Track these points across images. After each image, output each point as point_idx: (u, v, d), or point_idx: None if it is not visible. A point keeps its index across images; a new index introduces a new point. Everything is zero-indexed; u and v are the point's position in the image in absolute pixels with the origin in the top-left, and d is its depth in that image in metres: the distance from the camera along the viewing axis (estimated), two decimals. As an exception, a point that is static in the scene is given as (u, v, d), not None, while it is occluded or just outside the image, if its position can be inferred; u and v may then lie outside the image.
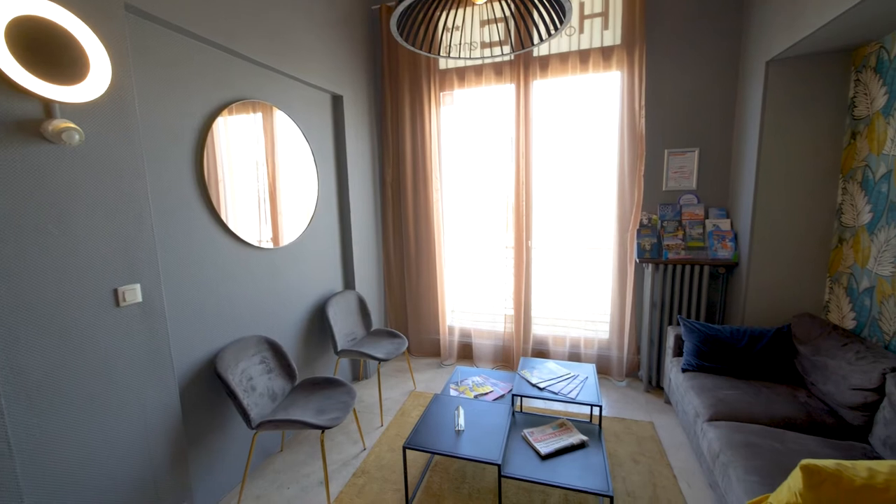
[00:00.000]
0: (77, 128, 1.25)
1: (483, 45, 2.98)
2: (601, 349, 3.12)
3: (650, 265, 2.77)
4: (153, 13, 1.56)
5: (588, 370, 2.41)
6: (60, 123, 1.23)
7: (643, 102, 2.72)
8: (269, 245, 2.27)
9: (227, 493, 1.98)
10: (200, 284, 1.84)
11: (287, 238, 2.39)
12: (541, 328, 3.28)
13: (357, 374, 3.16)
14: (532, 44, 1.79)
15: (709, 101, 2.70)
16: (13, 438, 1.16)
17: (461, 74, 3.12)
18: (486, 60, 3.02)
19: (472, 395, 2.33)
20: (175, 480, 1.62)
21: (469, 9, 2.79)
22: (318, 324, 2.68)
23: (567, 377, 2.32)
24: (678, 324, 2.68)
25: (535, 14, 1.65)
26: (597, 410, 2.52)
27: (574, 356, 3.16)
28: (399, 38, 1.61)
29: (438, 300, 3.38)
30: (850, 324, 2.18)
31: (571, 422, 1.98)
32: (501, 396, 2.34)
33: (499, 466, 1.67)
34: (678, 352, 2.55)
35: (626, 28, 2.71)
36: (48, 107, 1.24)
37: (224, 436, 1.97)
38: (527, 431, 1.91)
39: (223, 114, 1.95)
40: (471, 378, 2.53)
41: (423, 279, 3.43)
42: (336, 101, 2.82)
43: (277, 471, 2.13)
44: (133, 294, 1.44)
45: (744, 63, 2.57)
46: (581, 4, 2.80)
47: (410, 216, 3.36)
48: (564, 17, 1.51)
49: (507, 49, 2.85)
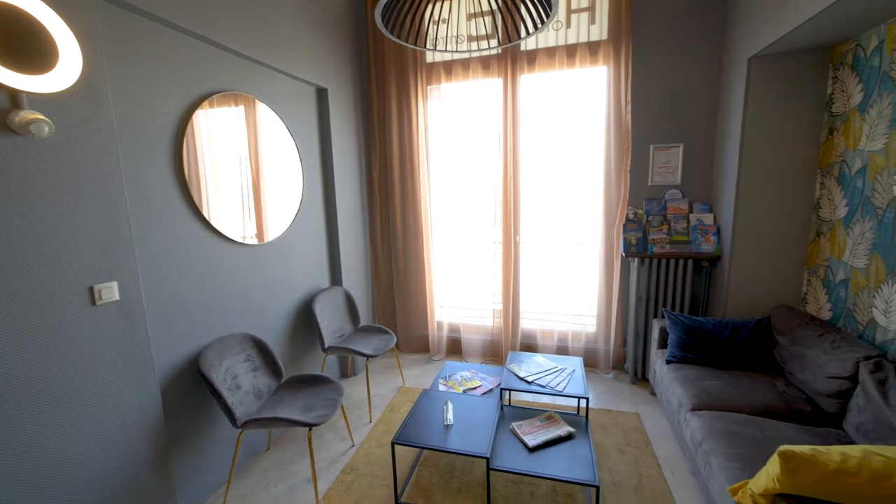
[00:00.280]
0: (46, 119, 1.20)
1: (470, 39, 2.95)
2: (588, 342, 3.16)
3: (636, 259, 2.81)
4: (127, 1, 1.49)
5: (575, 363, 2.44)
6: (28, 115, 1.17)
7: (629, 97, 2.74)
8: (254, 241, 2.22)
9: (213, 493, 1.95)
10: (182, 282, 1.80)
11: (272, 234, 2.35)
12: (529, 322, 3.31)
13: (345, 371, 3.14)
14: (519, 37, 1.78)
15: (693, 97, 2.74)
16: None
17: (448, 68, 3.09)
18: (474, 54, 3.00)
19: (461, 390, 2.34)
20: (158, 481, 1.58)
21: (455, 1, 2.76)
22: (305, 321, 2.65)
23: (555, 370, 2.34)
24: (663, 317, 2.73)
25: (522, 8, 1.64)
26: (584, 402, 2.55)
27: (562, 350, 3.19)
28: (384, 30, 1.58)
29: (427, 296, 3.38)
30: (827, 314, 2.25)
31: (559, 414, 2.00)
32: (490, 390, 2.35)
33: (487, 459, 1.68)
34: (663, 344, 2.60)
35: (613, 23, 2.72)
36: (15, 97, 1.18)
37: (209, 435, 1.93)
38: (515, 424, 1.92)
39: (203, 106, 1.89)
40: (459, 373, 2.54)
41: (412, 275, 3.41)
42: (321, 94, 2.77)
43: (264, 469, 2.10)
44: (110, 292, 1.40)
45: (727, 59, 2.61)
46: (568, -1, 2.80)
47: (398, 211, 3.33)
48: (551, 11, 1.51)
49: (494, 43, 2.84)
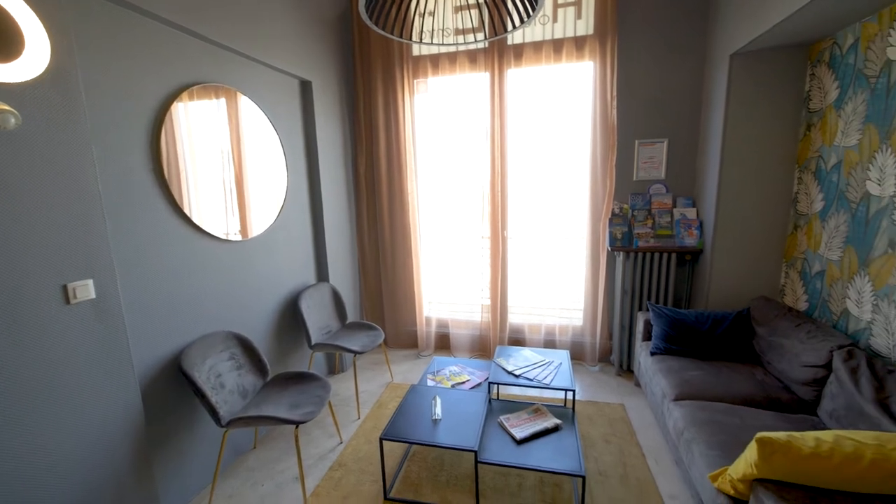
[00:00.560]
0: (13, 110, 1.14)
1: (457, 32, 2.93)
2: (575, 336, 3.20)
3: (621, 253, 2.85)
4: (98, -14, 1.43)
5: (562, 356, 2.46)
6: (-8, 105, 1.12)
7: (615, 93, 2.76)
8: (237, 237, 2.18)
9: (198, 494, 1.92)
10: (162, 279, 1.75)
11: (256, 229, 2.31)
12: (517, 317, 3.33)
13: (333, 368, 3.12)
14: (505, 31, 1.77)
15: (677, 93, 2.77)
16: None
17: (435, 61, 3.06)
18: (461, 47, 2.98)
19: (449, 385, 2.34)
20: (139, 485, 1.55)
21: (442, -6, 2.72)
22: (291, 318, 2.61)
23: (542, 364, 2.37)
24: (647, 309, 2.78)
25: (509, 1, 1.63)
26: (570, 395, 2.58)
27: (549, 343, 3.22)
28: (368, 21, 1.55)
29: (415, 291, 3.37)
30: (803, 305, 2.32)
31: (546, 407, 2.02)
32: (478, 385, 2.36)
33: (475, 453, 1.69)
34: (647, 336, 2.65)
35: (599, 18, 2.73)
36: (-23, 86, 1.12)
37: (192, 435, 1.90)
38: (503, 418, 1.94)
39: (182, 99, 1.84)
40: (448, 368, 2.54)
41: (400, 270, 3.40)
42: (305, 87, 2.72)
43: (251, 468, 2.08)
44: (85, 290, 1.35)
45: (710, 55, 2.64)
46: (554, -7, 2.80)
47: (385, 207, 3.31)
48: (537, 5, 1.50)
49: (481, 36, 2.82)
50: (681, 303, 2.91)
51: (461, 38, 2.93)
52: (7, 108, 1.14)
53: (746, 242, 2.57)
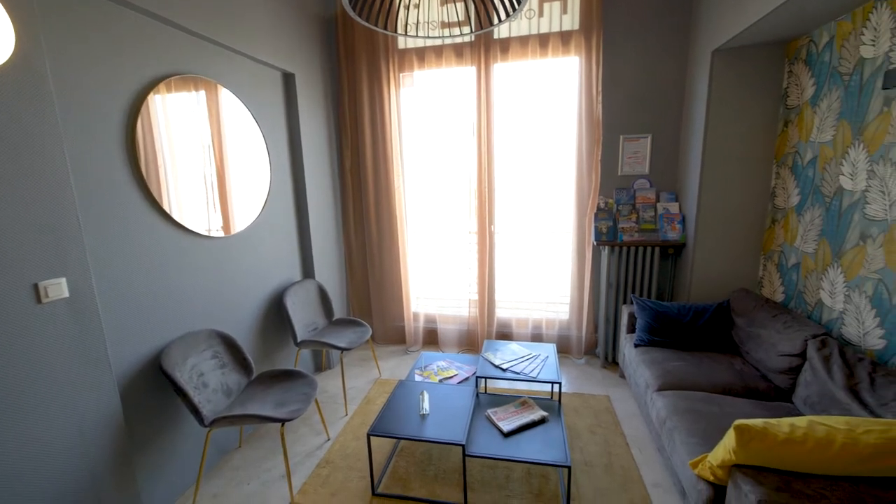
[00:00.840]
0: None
1: (443, 25, 2.90)
2: (561, 329, 3.24)
3: (606, 247, 2.89)
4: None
5: (549, 350, 2.49)
6: (-48, 94, 1.06)
7: (600, 88, 2.78)
8: (220, 233, 2.13)
9: (182, 494, 1.89)
10: (141, 277, 1.70)
11: (239, 225, 2.26)
12: (504, 311, 3.35)
13: (320, 365, 3.09)
14: (491, 24, 1.76)
15: (661, 88, 2.81)
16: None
17: (421, 55, 3.03)
18: (447, 41, 2.96)
19: (437, 380, 2.35)
20: (119, 486, 1.51)
21: (427, -14, 2.70)
22: (276, 315, 2.57)
23: (529, 357, 2.39)
24: (632, 302, 2.83)
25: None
26: (557, 387, 2.62)
27: (536, 337, 3.26)
28: (352, 12, 1.52)
29: (403, 287, 3.36)
30: (780, 297, 2.39)
31: (533, 399, 2.05)
32: (466, 379, 2.37)
33: (463, 447, 1.70)
34: (632, 329, 2.69)
35: (584, 13, 2.74)
36: (-65, 75, 1.06)
37: (175, 435, 1.86)
38: (490, 411, 1.95)
39: (160, 90, 1.78)
40: (435, 363, 2.55)
41: (387, 266, 3.38)
42: (288, 80, 2.66)
43: (236, 468, 2.05)
44: (57, 289, 1.30)
45: (692, 52, 2.68)
46: (540, -13, 2.79)
47: (372, 202, 3.28)
48: (522, -3, 1.49)
49: (467, 30, 2.80)
50: (664, 296, 2.97)
51: (447, 32, 2.91)
52: (-32, 98, 1.08)
53: (727, 236, 2.63)
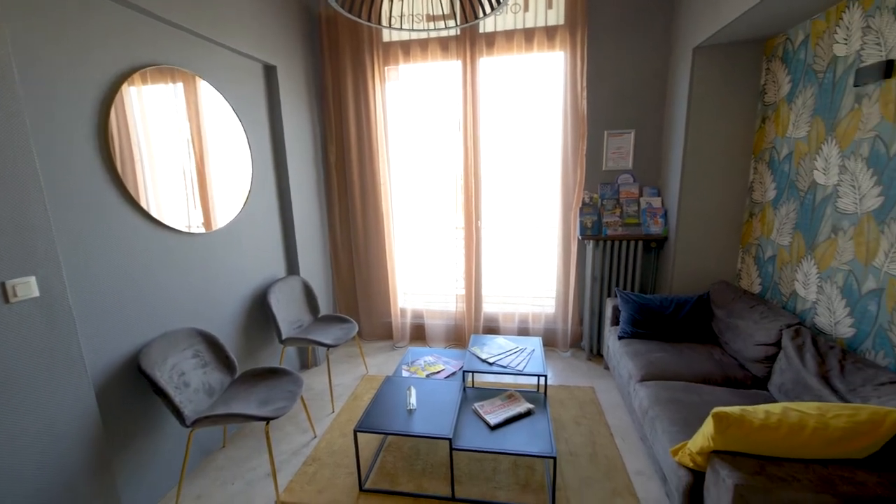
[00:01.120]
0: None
1: (428, 18, 2.87)
2: (547, 323, 3.27)
3: (591, 242, 2.92)
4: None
5: (535, 343, 2.52)
6: None
7: (585, 83, 2.80)
8: (201, 230, 2.08)
9: (163, 497, 1.85)
10: (117, 276, 1.65)
11: (220, 221, 2.21)
12: (491, 306, 3.37)
13: (306, 363, 3.06)
14: (476, 17, 1.75)
15: (644, 84, 2.84)
16: None
17: (406, 48, 3.00)
18: (432, 34, 2.93)
19: (424, 375, 2.35)
20: (98, 490, 1.47)
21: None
22: (260, 312, 2.53)
23: (515, 351, 2.41)
24: (616, 296, 2.88)
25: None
26: (543, 380, 2.66)
27: (523, 331, 3.29)
28: (333, 3, 1.49)
29: (389, 282, 3.34)
30: (757, 288, 2.47)
31: (519, 392, 2.07)
32: (453, 374, 2.38)
33: (450, 441, 1.71)
34: (616, 321, 2.74)
35: (569, 8, 2.75)
36: None
37: (156, 436, 1.82)
38: (477, 405, 1.97)
39: (134, 82, 1.72)
40: (423, 358, 2.55)
41: (373, 262, 3.35)
42: (269, 72, 2.60)
43: (220, 468, 2.02)
44: (26, 288, 1.25)
45: (674, 48, 2.72)
46: (525, -19, 2.79)
47: (357, 197, 3.24)
48: (505, -10, 1.49)
49: (452, 23, 2.78)
50: (647, 288, 3.03)
51: (432, 25, 2.88)
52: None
53: (707, 230, 2.69)
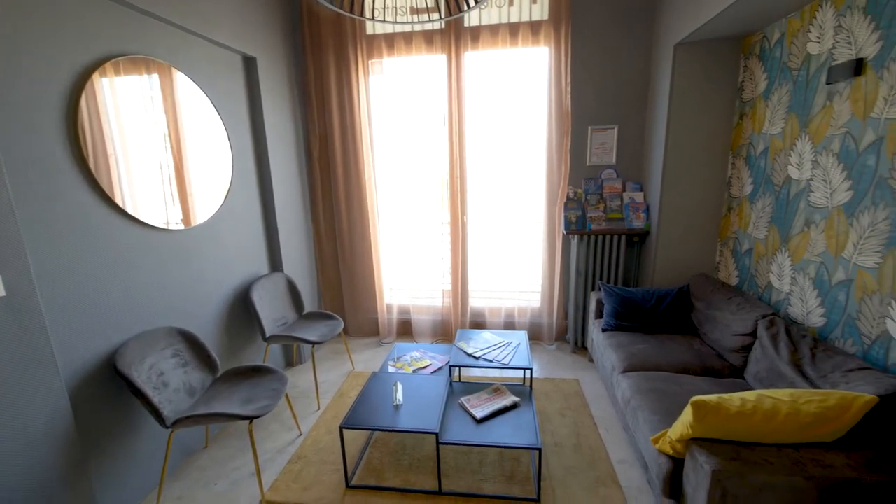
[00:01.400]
0: None
1: (412, 11, 2.84)
2: (533, 317, 3.31)
3: (576, 236, 2.96)
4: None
5: (521, 337, 2.54)
6: None
7: (569, 79, 2.82)
8: (180, 226, 2.02)
9: (142, 500, 1.81)
10: (92, 274, 1.59)
11: (200, 217, 2.15)
12: (478, 301, 3.38)
13: (290, 360, 3.02)
14: (460, 10, 1.74)
15: (627, 80, 2.88)
16: None
17: (390, 41, 2.96)
18: (416, 27, 2.90)
19: (411, 370, 2.35)
20: (72, 493, 1.43)
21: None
22: (243, 310, 2.49)
23: (501, 345, 2.43)
24: (599, 289, 2.92)
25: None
26: (528, 373, 2.69)
27: (509, 325, 3.31)
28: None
29: (375, 278, 3.32)
30: (735, 280, 2.54)
31: (505, 386, 2.09)
32: (440, 369, 2.38)
33: (436, 435, 1.72)
34: (599, 314, 2.79)
35: (553, 3, 2.75)
36: None
37: (135, 438, 1.77)
38: (463, 399, 1.98)
39: (106, 73, 1.65)
40: (409, 353, 2.54)
41: (359, 258, 3.33)
42: (249, 64, 2.53)
43: (203, 468, 1.98)
44: (-8, 287, 1.20)
45: (656, 45, 2.76)
46: (509, -25, 2.78)
47: (342, 192, 3.20)
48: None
49: (437, 16, 2.76)
50: (630, 282, 3.09)
51: (416, 18, 2.85)
52: None
53: (687, 224, 2.75)
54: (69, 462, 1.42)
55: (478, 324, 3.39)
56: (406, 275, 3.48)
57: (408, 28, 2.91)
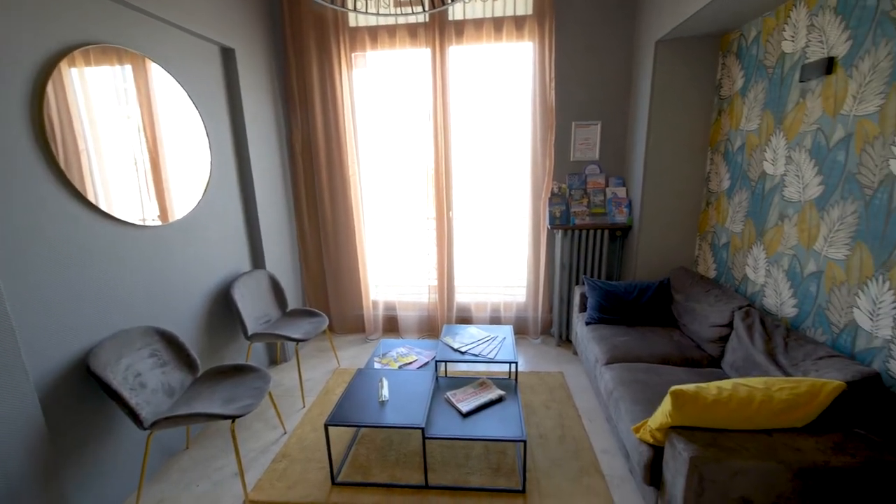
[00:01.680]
0: None
1: (395, 3, 2.80)
2: (519, 311, 3.34)
3: (560, 231, 2.99)
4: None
5: (506, 331, 2.56)
6: None
7: (553, 74, 2.83)
8: (157, 222, 1.96)
9: (122, 503, 1.76)
10: (62, 274, 1.53)
11: (178, 213, 2.09)
12: (464, 296, 3.39)
13: (274, 359, 2.98)
14: (444, 3, 1.72)
15: (610, 76, 2.90)
16: None
17: (373, 34, 2.92)
18: (400, 20, 2.87)
19: (397, 366, 2.34)
20: (44, 499, 1.38)
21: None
22: (225, 308, 2.43)
23: (487, 339, 2.44)
24: (583, 283, 2.96)
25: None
26: (514, 367, 2.71)
27: (495, 320, 3.33)
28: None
29: (360, 275, 3.29)
30: (713, 273, 2.61)
31: (491, 380, 2.10)
32: (426, 364, 2.39)
33: (422, 430, 1.72)
34: (583, 308, 2.83)
35: (537, -2, 2.75)
36: None
37: (112, 441, 1.72)
38: (449, 393, 1.98)
39: (76, 63, 1.58)
40: (395, 349, 2.54)
41: (343, 254, 3.29)
42: (227, 56, 2.46)
43: (184, 469, 1.94)
44: (-48, 286, 1.14)
45: (638, 41, 2.79)
46: (493, -31, 2.77)
47: (325, 187, 3.16)
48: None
49: (420, 9, 2.73)
50: (612, 275, 3.14)
51: (400, 10, 2.82)
52: None
53: (668, 218, 2.81)
54: (40, 467, 1.37)
55: (464, 319, 3.40)
56: (392, 271, 3.46)
57: (391, 21, 2.87)
